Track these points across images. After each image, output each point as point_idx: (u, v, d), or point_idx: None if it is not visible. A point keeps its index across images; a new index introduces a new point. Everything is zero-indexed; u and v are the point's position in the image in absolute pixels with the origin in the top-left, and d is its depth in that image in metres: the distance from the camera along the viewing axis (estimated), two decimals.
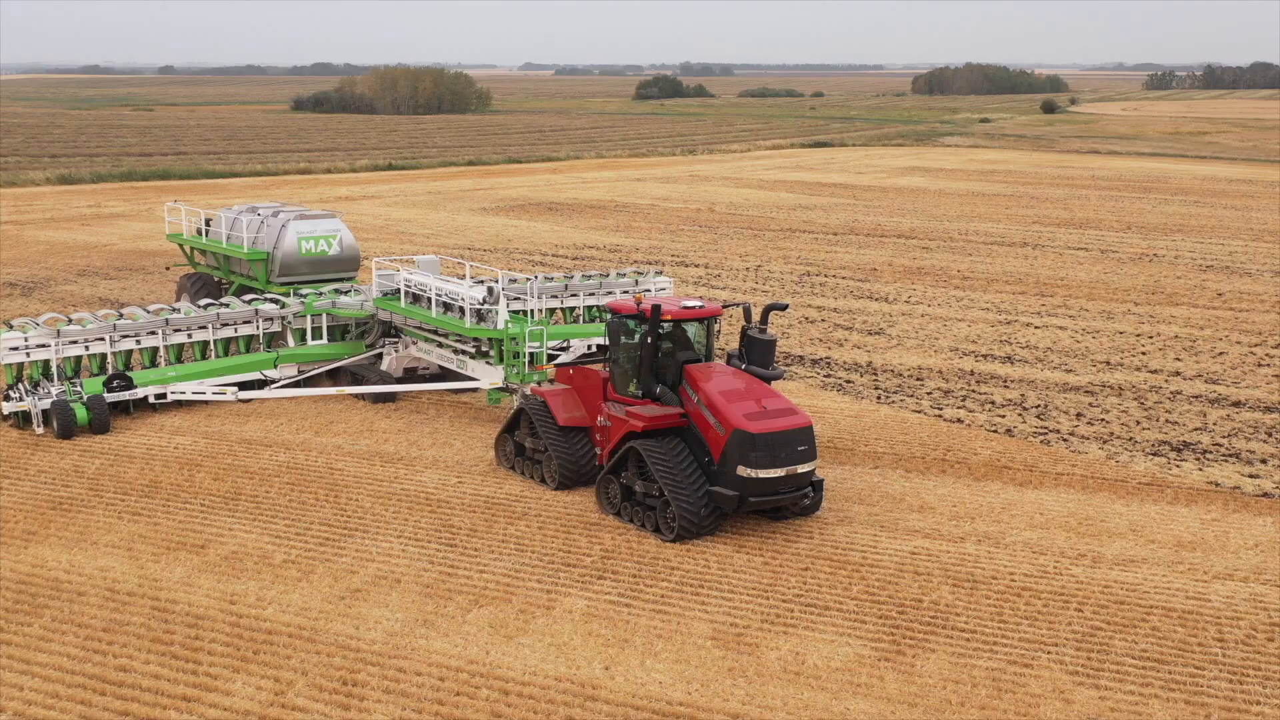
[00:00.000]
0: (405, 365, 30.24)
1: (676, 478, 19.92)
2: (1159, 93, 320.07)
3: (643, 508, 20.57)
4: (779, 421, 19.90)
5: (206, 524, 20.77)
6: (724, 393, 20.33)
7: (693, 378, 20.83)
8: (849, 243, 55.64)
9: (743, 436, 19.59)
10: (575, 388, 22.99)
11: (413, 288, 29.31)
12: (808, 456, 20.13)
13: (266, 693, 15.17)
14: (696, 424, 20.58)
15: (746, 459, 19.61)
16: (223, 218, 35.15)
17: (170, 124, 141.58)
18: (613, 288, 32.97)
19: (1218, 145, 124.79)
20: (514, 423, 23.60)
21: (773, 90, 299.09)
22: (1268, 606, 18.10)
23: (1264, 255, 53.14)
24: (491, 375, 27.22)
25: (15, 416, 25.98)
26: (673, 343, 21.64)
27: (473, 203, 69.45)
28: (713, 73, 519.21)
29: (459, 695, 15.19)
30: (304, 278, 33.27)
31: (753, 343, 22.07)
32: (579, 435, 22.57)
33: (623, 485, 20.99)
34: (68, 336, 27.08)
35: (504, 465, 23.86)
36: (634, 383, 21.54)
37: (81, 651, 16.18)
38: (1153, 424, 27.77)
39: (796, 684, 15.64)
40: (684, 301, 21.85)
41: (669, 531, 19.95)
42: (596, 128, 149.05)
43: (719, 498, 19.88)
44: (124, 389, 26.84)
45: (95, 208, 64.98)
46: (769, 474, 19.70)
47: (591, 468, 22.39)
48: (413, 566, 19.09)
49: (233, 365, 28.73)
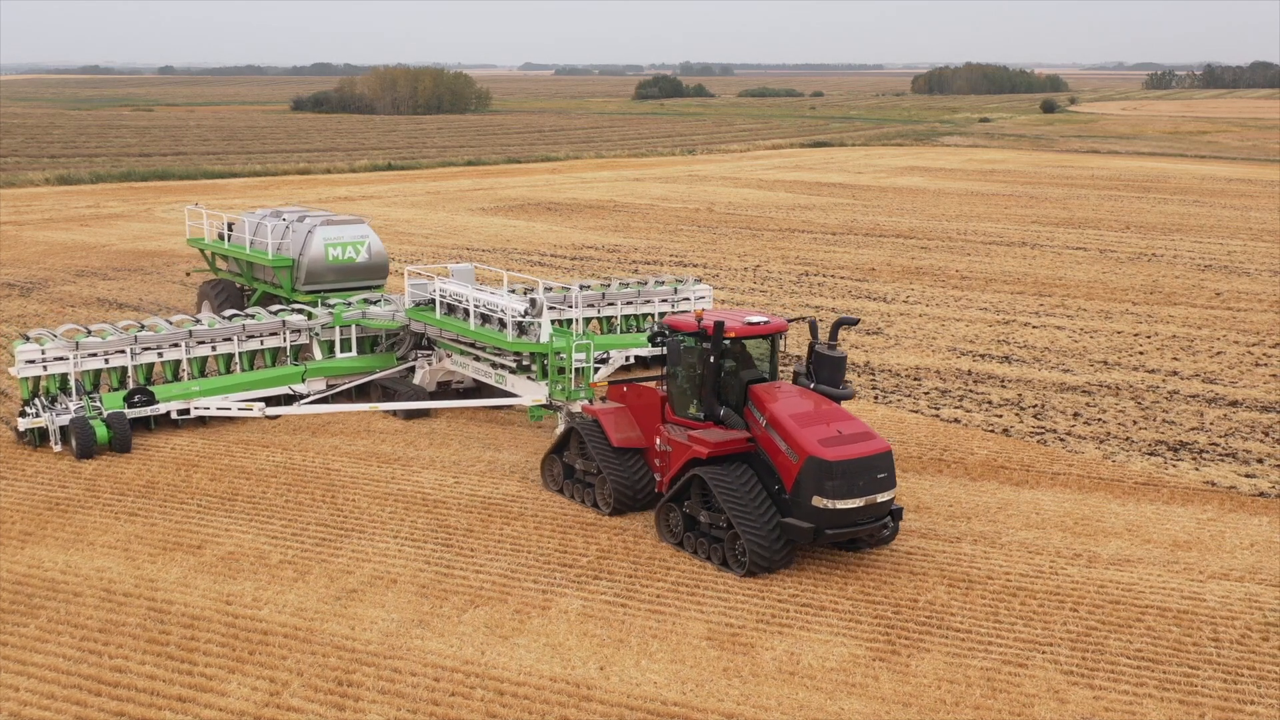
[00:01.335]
0: (439, 379, 29.09)
1: (746, 509, 18.59)
2: (1158, 92, 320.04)
3: (708, 539, 19.20)
4: (856, 447, 18.49)
5: (203, 524, 20.79)
6: (795, 416, 18.93)
7: (759, 399, 19.47)
8: (847, 242, 55.66)
9: (818, 464, 18.20)
10: (629, 406, 21.73)
11: (448, 298, 27.99)
12: (887, 484, 18.74)
13: (262, 693, 15.19)
14: (765, 449, 19.21)
15: (822, 488, 18.22)
16: (246, 222, 34.03)
17: (170, 124, 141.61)
18: (651, 296, 31.98)
19: (1217, 145, 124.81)
20: (563, 443, 22.35)
21: (772, 90, 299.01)
22: (1263, 606, 18.11)
23: (1262, 255, 53.15)
24: (534, 391, 25.80)
25: (31, 434, 24.68)
26: (735, 361, 20.28)
27: (472, 203, 69.47)
28: (712, 73, 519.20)
29: (454, 695, 15.21)
30: (330, 286, 31.94)
31: (821, 360, 20.33)
32: (634, 457, 21.31)
33: (685, 515, 19.67)
34: (86, 349, 25.83)
35: (551, 488, 22.54)
36: (695, 404, 20.31)
37: (77, 652, 16.20)
38: (1150, 424, 27.79)
39: (791, 684, 15.65)
40: (747, 316, 20.32)
41: (739, 566, 18.64)
42: (596, 128, 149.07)
43: (793, 530, 18.50)
44: (146, 404, 25.67)
45: (94, 208, 65.01)
46: (847, 504, 18.29)
47: (647, 492, 21.16)
48: (409, 567, 19.11)
49: (259, 379, 27.57)
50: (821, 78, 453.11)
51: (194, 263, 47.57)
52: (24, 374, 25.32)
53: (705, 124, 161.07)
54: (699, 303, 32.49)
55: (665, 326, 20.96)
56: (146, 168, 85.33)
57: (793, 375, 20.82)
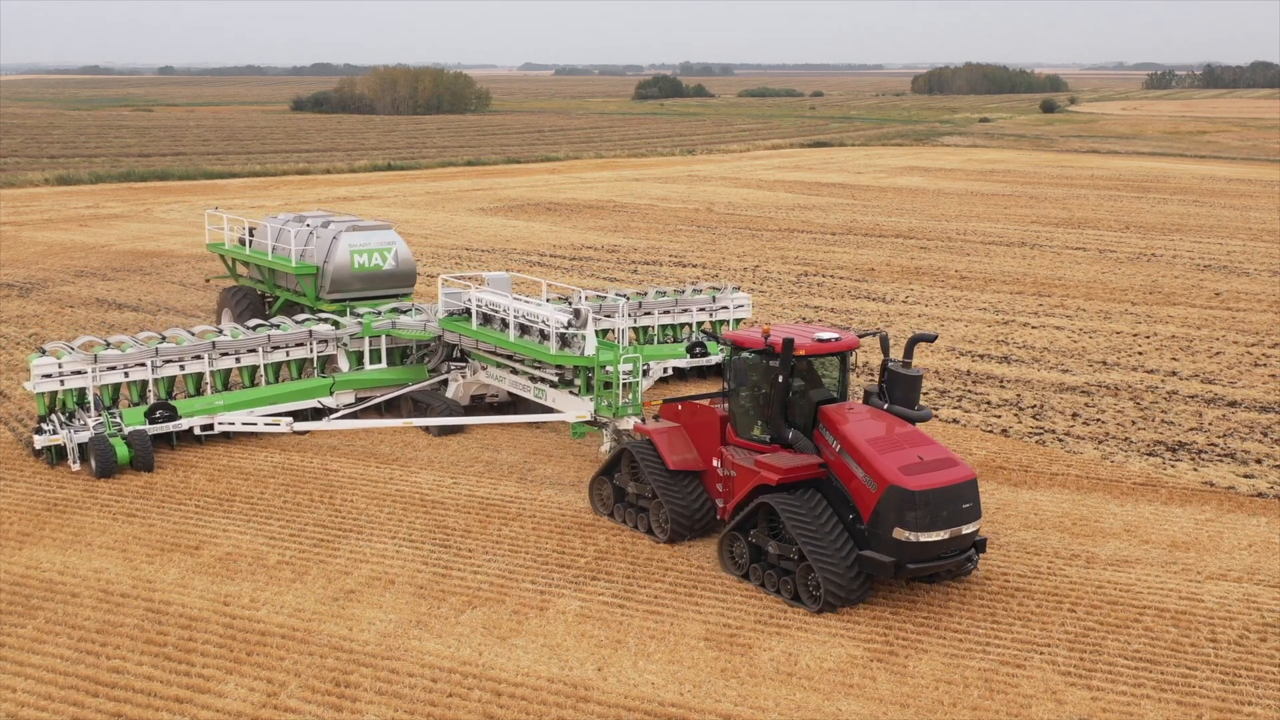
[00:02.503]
0: (472, 392, 27.78)
1: (820, 540, 17.43)
2: (1158, 92, 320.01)
3: (777, 571, 18.07)
4: (940, 475, 17.30)
5: (201, 525, 20.78)
6: (872, 440, 17.72)
7: (830, 420, 18.27)
8: (847, 243, 55.65)
9: (900, 494, 17.01)
10: (685, 426, 20.47)
11: (484, 307, 26.57)
12: (972, 515, 17.53)
13: (259, 694, 15.19)
14: (838, 475, 18.02)
15: (904, 520, 17.03)
16: (267, 227, 32.85)
17: (169, 124, 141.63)
18: (689, 305, 31.04)
19: (1217, 145, 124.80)
20: (613, 465, 21.16)
21: (772, 90, 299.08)
22: (1261, 607, 18.10)
23: (1262, 255, 53.14)
24: (577, 407, 24.43)
25: (48, 452, 23.54)
26: (804, 379, 19.07)
27: (471, 203, 69.46)
28: (712, 73, 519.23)
29: (451, 696, 15.21)
30: (356, 294, 30.85)
31: (895, 379, 19.04)
32: (691, 480, 20.09)
33: (751, 544, 18.47)
34: (105, 362, 24.53)
35: (601, 512, 21.35)
36: (759, 425, 19.11)
37: (75, 653, 16.20)
38: (1148, 424, 27.78)
39: (789, 685, 15.65)
40: (817, 333, 19.04)
41: (812, 601, 17.51)
42: (596, 128, 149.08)
43: (871, 564, 17.32)
44: (167, 420, 24.54)
45: (94, 209, 65.01)
46: (931, 537, 17.12)
47: (707, 518, 19.99)
48: (407, 568, 19.10)
49: (286, 393, 26.35)
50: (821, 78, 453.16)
51: (195, 264, 47.59)
52: (40, 389, 24.00)
53: (705, 124, 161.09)
54: (737, 311, 31.55)
55: (728, 342, 19.73)
56: (146, 168, 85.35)
57: (863, 395, 19.53)
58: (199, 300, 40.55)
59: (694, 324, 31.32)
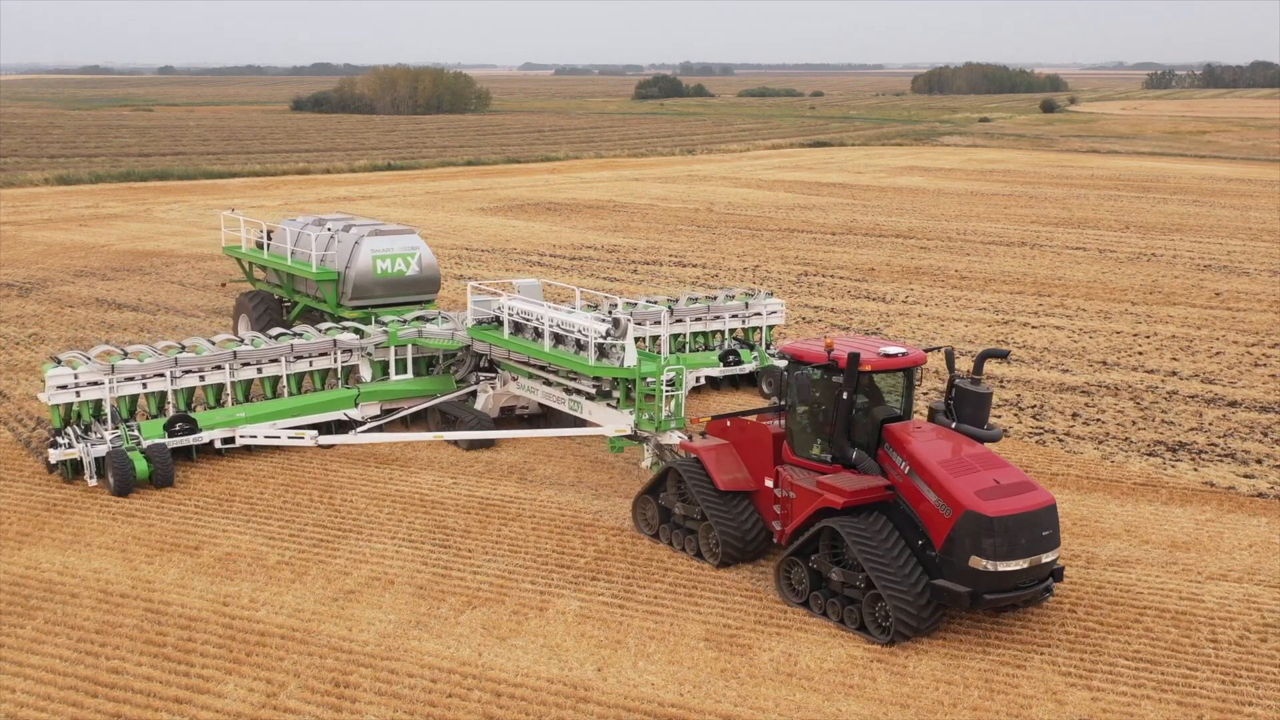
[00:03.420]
0: (502, 404, 26.77)
1: (889, 567, 16.53)
2: (1158, 92, 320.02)
3: (841, 600, 17.18)
4: (1019, 500, 16.38)
5: (200, 525, 20.77)
6: (944, 462, 16.85)
7: (897, 440, 17.40)
8: (847, 242, 55.64)
9: (977, 520, 16.09)
10: (734, 443, 19.57)
11: (515, 316, 25.57)
12: (1051, 543, 16.62)
13: (259, 695, 15.18)
14: (907, 499, 17.15)
15: (980, 548, 16.11)
16: (286, 231, 31.96)
17: (169, 124, 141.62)
18: (721, 312, 30.25)
19: (1217, 145, 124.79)
20: (658, 484, 20.25)
21: (772, 90, 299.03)
22: (1261, 607, 18.09)
23: (1262, 255, 53.13)
24: (615, 420, 23.37)
25: (63, 466, 22.65)
26: (867, 396, 18.16)
27: (471, 203, 69.45)
28: (712, 72, 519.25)
29: (451, 697, 15.20)
30: (378, 301, 29.93)
31: (964, 396, 18.09)
32: (742, 501, 19.16)
33: (812, 571, 17.56)
34: (123, 372, 23.63)
35: (645, 533, 20.42)
36: (819, 444, 18.26)
37: (74, 653, 16.19)
38: (1149, 424, 27.77)
39: (789, 685, 15.64)
40: (883, 347, 18.19)
41: (881, 633, 16.64)
42: (596, 128, 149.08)
43: (946, 594, 16.42)
44: (187, 433, 23.66)
45: (93, 208, 64.99)
46: (1009, 566, 16.23)
47: (759, 541, 19.08)
48: (406, 568, 19.09)
49: (310, 404, 25.40)
50: (821, 78, 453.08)
51: (195, 264, 47.61)
52: (55, 400, 23.04)
53: (705, 124, 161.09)
54: (770, 318, 30.93)
55: (786, 355, 18.79)
56: (146, 168, 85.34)
57: (928, 413, 18.57)
58: (199, 300, 40.54)
59: (726, 331, 30.60)
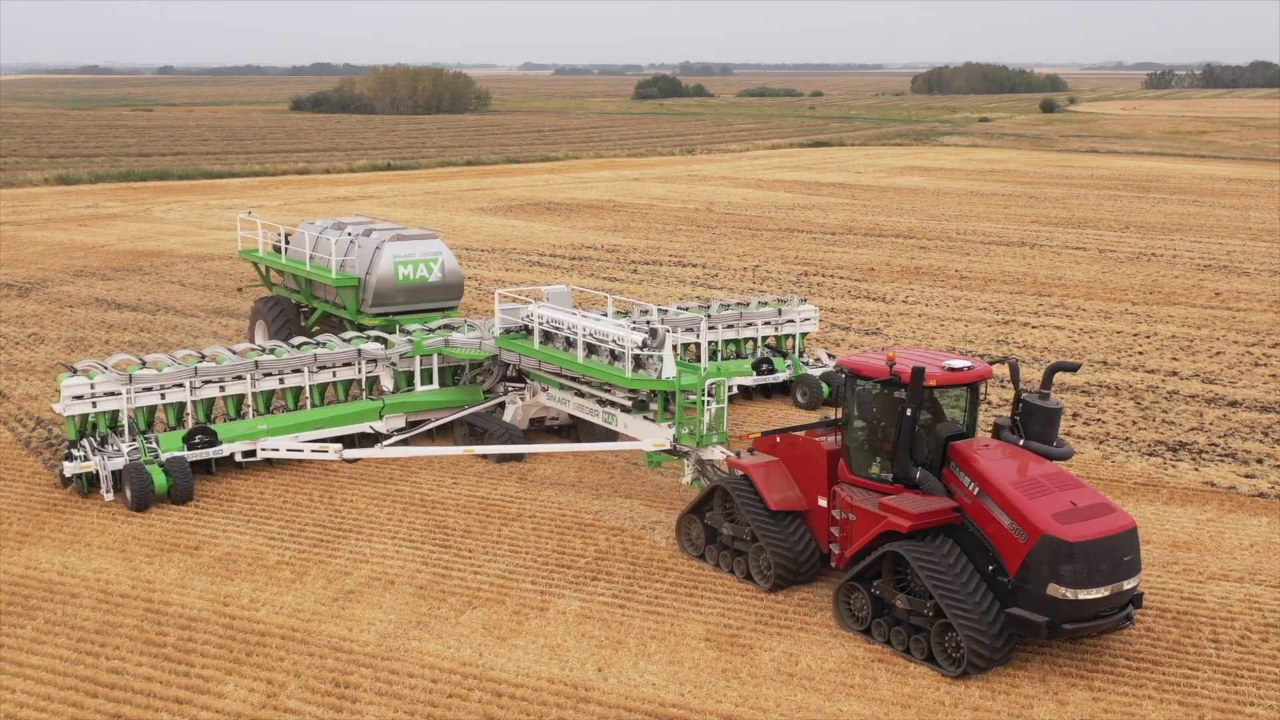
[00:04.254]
0: (531, 415, 25.86)
1: (960, 595, 15.68)
2: (1158, 92, 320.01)
3: (906, 628, 16.34)
4: (1098, 524, 15.63)
5: (200, 525, 20.75)
6: (1017, 483, 16.05)
7: (963, 459, 16.60)
8: (847, 242, 55.63)
9: (1055, 545, 15.29)
10: (783, 459, 18.76)
11: (546, 324, 24.53)
12: (1133, 569, 15.83)
13: (259, 695, 15.16)
14: (976, 521, 16.30)
15: (1059, 575, 15.31)
16: (305, 235, 31.15)
17: (169, 124, 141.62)
18: (753, 318, 29.48)
19: (1217, 145, 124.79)
20: (704, 503, 19.45)
21: (772, 90, 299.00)
22: (1262, 607, 18.08)
23: (1262, 255, 53.12)
24: (653, 434, 22.25)
25: (78, 480, 21.96)
26: (929, 412, 17.38)
27: (471, 203, 69.44)
28: (712, 72, 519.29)
29: (451, 697, 15.18)
30: (400, 307, 29.19)
31: (1031, 411, 17.23)
32: (794, 521, 18.35)
33: (874, 597, 16.76)
34: (141, 382, 22.87)
35: (690, 554, 19.61)
36: (879, 463, 17.48)
37: (74, 654, 16.17)
38: (1149, 424, 27.76)
39: (790, 685, 15.62)
40: (946, 361, 17.35)
41: (952, 665, 15.81)
42: (595, 128, 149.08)
43: (1022, 624, 15.60)
44: (207, 445, 22.85)
45: (93, 208, 64.98)
46: (1090, 595, 15.44)
47: (813, 563, 18.29)
48: (406, 568, 19.08)
49: (334, 416, 24.48)
50: (821, 78, 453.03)
51: (195, 264, 47.59)
52: (70, 411, 22.39)
53: (705, 124, 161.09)
54: (804, 325, 30.18)
55: (843, 369, 17.78)
56: (145, 168, 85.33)
57: (993, 429, 17.68)
58: (198, 300, 40.53)
59: (759, 339, 29.92)
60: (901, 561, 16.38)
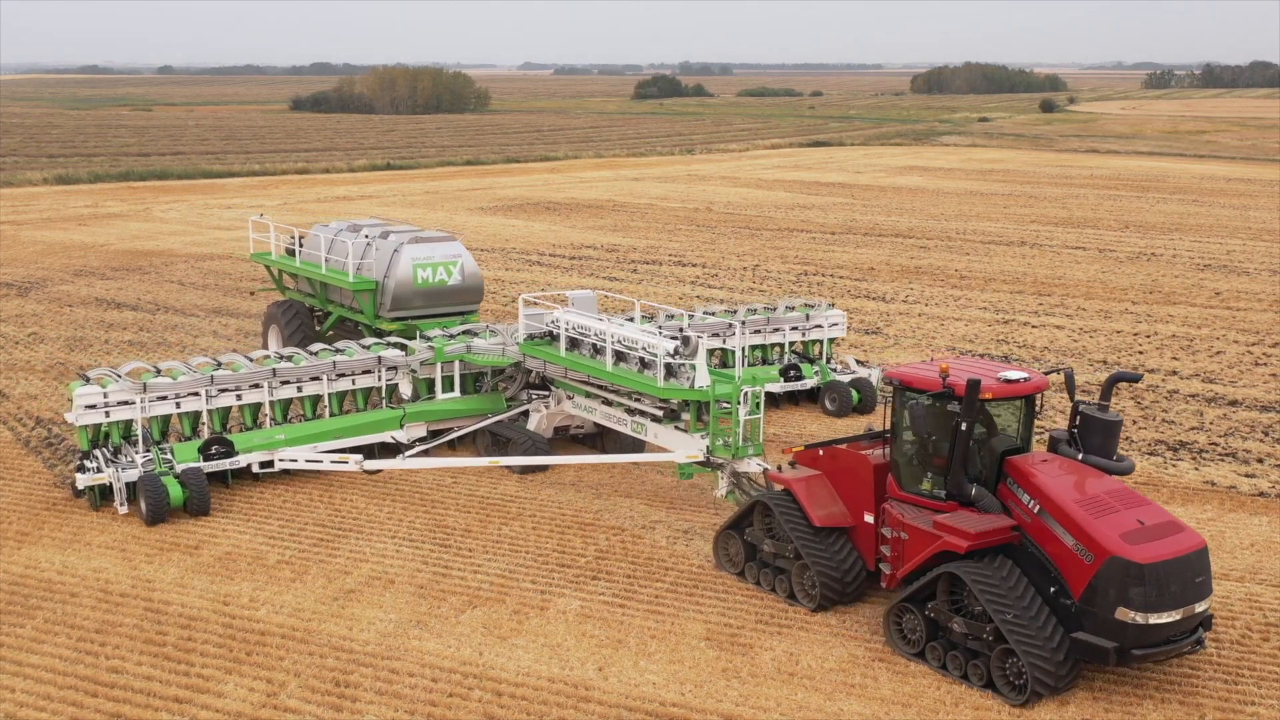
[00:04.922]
0: (555, 423, 25.17)
1: (1021, 619, 14.97)
2: (1157, 92, 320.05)
3: (964, 653, 15.68)
4: (1169, 544, 14.92)
5: (200, 525, 20.73)
6: (1080, 501, 15.36)
7: (1021, 475, 15.91)
8: (847, 242, 55.62)
9: (1124, 567, 14.61)
10: (826, 473, 18.04)
11: (572, 331, 23.68)
12: (1204, 590, 15.16)
13: (259, 694, 15.15)
14: (1037, 541, 15.63)
15: (1128, 598, 14.61)
16: (319, 237, 30.43)
17: (168, 124, 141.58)
18: (780, 324, 28.91)
19: (1216, 144, 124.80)
20: (744, 518, 18.72)
21: (771, 90, 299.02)
22: (1263, 607, 18.07)
23: (1262, 254, 53.12)
24: (685, 445, 21.49)
25: (91, 491, 21.33)
26: (984, 426, 16.64)
27: (471, 202, 69.43)
28: (711, 72, 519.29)
29: (452, 696, 15.17)
30: (418, 312, 28.44)
31: (1090, 423, 16.44)
32: (839, 539, 17.59)
33: (928, 619, 16.02)
34: (156, 391, 22.35)
35: (729, 570, 18.90)
36: (930, 479, 16.72)
37: (74, 653, 16.16)
38: (1149, 423, 27.75)
39: (790, 685, 15.61)
40: (1002, 372, 16.49)
41: (1014, 693, 15.13)
42: (595, 127, 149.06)
43: (1088, 650, 14.92)
44: (224, 456, 22.23)
45: (93, 208, 64.96)
46: (1161, 619, 14.72)
47: (859, 581, 17.60)
48: (406, 567, 19.06)
49: (354, 426, 23.84)
50: (821, 77, 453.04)
51: (194, 263, 47.58)
52: (83, 421, 21.84)
53: (704, 124, 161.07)
54: (832, 330, 29.70)
55: (893, 381, 16.99)
56: (145, 167, 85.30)
57: (1049, 442, 16.90)
58: (198, 300, 40.52)
59: (786, 344, 29.48)
60: (958, 583, 15.72)
